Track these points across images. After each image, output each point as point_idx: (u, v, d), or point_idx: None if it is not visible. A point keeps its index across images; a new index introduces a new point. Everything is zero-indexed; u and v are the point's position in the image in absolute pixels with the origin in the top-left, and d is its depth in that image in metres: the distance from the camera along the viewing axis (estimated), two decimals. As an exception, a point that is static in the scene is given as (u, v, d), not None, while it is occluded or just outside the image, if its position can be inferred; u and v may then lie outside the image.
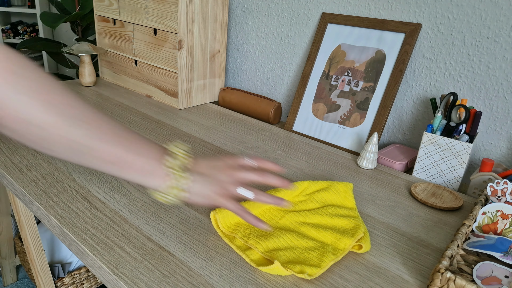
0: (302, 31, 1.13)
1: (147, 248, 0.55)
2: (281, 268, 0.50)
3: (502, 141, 0.84)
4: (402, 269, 0.55)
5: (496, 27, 0.80)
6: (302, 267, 0.51)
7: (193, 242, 0.57)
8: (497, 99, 0.83)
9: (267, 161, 0.55)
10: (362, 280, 0.52)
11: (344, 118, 0.99)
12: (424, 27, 0.90)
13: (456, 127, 0.79)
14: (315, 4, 1.08)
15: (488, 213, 0.63)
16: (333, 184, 0.70)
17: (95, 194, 0.67)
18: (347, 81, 1.00)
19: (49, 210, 0.62)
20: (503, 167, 0.81)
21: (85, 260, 0.55)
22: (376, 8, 0.97)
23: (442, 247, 0.61)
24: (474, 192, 0.78)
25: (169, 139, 0.92)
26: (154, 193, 0.50)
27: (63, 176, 0.72)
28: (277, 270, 0.51)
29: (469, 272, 0.53)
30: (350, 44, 1.01)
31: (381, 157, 0.89)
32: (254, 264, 0.52)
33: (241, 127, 1.05)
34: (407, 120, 0.98)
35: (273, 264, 0.50)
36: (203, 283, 0.49)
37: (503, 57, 0.80)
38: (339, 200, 0.68)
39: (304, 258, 0.53)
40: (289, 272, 0.50)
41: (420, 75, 0.93)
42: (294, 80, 1.19)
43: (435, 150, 0.80)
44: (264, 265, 0.52)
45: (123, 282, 0.48)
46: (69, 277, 1.18)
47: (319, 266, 0.52)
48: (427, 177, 0.83)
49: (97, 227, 0.58)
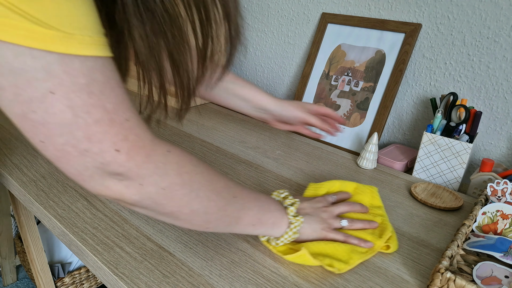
0: (302, 31, 1.13)
1: (147, 248, 0.55)
2: (308, 257, 0.51)
3: (502, 141, 0.84)
4: (402, 269, 0.55)
5: (496, 27, 0.80)
6: (331, 261, 0.52)
7: (193, 242, 0.57)
8: (497, 99, 0.83)
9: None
10: (362, 280, 0.52)
11: (344, 118, 0.99)
12: (424, 27, 0.90)
13: (456, 127, 0.79)
14: (315, 4, 1.08)
15: (488, 213, 0.63)
16: (360, 186, 0.71)
17: (95, 194, 0.67)
18: (347, 81, 1.00)
19: (49, 210, 0.62)
20: (503, 167, 0.81)
21: (85, 260, 0.56)
22: (376, 8, 0.97)
23: (442, 247, 0.61)
24: (474, 192, 0.78)
25: (170, 139, 0.92)
26: (266, 242, 0.56)
27: (63, 176, 0.72)
28: (303, 258, 0.52)
29: (469, 272, 0.54)
30: (350, 44, 1.01)
31: (381, 157, 0.89)
32: (280, 254, 0.54)
33: (241, 127, 1.05)
34: (407, 120, 0.98)
35: (300, 251, 0.51)
36: (203, 283, 0.49)
37: (503, 57, 0.80)
38: (368, 199, 0.68)
39: (332, 252, 0.54)
40: (318, 262, 0.51)
41: (420, 75, 0.93)
42: (294, 80, 1.19)
43: (435, 150, 0.80)
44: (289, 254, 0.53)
45: (123, 282, 0.48)
46: (69, 277, 1.18)
47: (347, 263, 0.53)
48: (427, 177, 0.83)
49: (97, 227, 0.58)
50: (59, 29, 0.29)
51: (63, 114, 0.31)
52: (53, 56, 0.30)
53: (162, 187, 0.39)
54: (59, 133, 0.32)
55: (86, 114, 0.32)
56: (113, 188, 0.37)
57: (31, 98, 0.31)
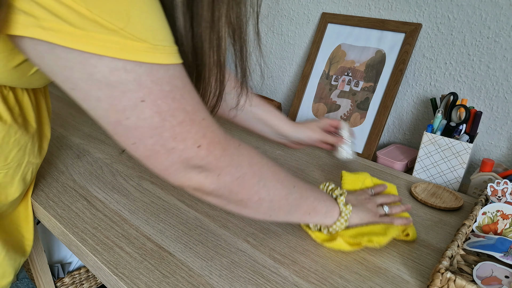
0: (302, 31, 1.12)
1: (147, 248, 0.55)
2: (344, 245, 0.56)
3: (502, 141, 0.84)
4: (402, 269, 0.55)
5: (496, 27, 0.80)
6: (369, 237, 0.56)
7: (193, 242, 0.57)
8: (497, 99, 0.83)
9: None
10: (362, 280, 0.52)
11: (344, 118, 0.99)
12: (424, 27, 0.90)
13: (456, 127, 0.79)
14: (315, 4, 1.08)
15: (488, 213, 0.63)
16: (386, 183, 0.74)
17: (95, 194, 0.67)
18: (347, 81, 1.00)
19: (49, 210, 0.62)
20: (503, 167, 0.81)
21: (85, 260, 0.55)
22: (376, 8, 0.97)
23: (442, 247, 0.61)
24: (474, 192, 0.78)
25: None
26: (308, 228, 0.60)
27: (63, 176, 0.72)
28: (340, 245, 0.57)
29: (469, 272, 0.53)
30: (350, 44, 1.01)
31: (381, 157, 0.89)
32: (318, 240, 0.58)
33: (241, 127, 1.05)
34: (407, 120, 0.98)
35: (337, 240, 0.56)
36: (203, 283, 0.49)
37: (503, 57, 0.80)
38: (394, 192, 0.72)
39: (368, 232, 0.58)
40: (356, 247, 0.57)
41: (420, 75, 0.93)
42: (294, 80, 1.19)
43: (435, 150, 0.80)
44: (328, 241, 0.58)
45: (123, 282, 0.48)
46: (69, 277, 1.17)
47: (385, 234, 0.57)
48: (427, 177, 0.83)
49: (97, 227, 0.58)
50: (145, 40, 0.33)
51: (152, 119, 0.36)
52: (143, 68, 0.34)
53: (237, 176, 0.44)
54: (149, 135, 0.37)
55: (172, 117, 0.37)
56: (194, 179, 0.41)
57: (125, 107, 0.35)
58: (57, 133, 0.91)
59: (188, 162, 0.40)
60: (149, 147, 0.38)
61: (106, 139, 0.90)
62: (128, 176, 0.74)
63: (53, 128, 0.94)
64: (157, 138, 0.37)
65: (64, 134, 0.91)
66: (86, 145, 0.86)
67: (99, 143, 0.88)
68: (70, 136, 0.90)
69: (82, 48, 0.32)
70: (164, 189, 0.70)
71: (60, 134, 0.91)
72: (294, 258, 0.55)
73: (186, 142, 0.38)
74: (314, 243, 0.59)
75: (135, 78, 0.34)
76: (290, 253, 0.56)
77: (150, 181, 0.73)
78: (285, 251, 0.57)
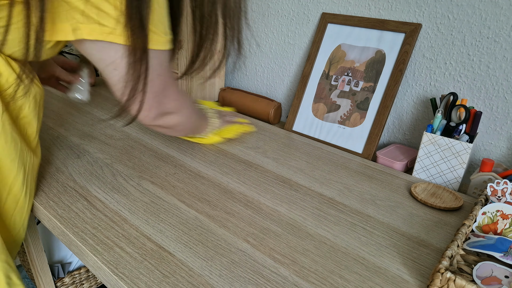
0: (302, 31, 1.13)
1: (147, 248, 0.55)
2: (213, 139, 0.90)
3: (502, 141, 0.84)
4: (402, 269, 0.55)
5: (496, 27, 0.80)
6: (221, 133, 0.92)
7: (193, 242, 0.57)
8: (497, 99, 0.83)
9: None
10: (362, 280, 0.52)
11: (344, 118, 0.99)
12: (424, 27, 0.90)
13: (456, 127, 0.79)
14: (315, 4, 1.08)
15: (488, 213, 0.63)
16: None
17: (95, 194, 0.67)
18: (347, 81, 1.00)
19: (49, 210, 0.62)
20: (503, 167, 0.81)
21: (85, 260, 0.56)
22: (376, 8, 0.97)
23: (442, 247, 0.61)
24: (474, 192, 0.78)
25: (169, 139, 0.92)
26: (197, 138, 0.89)
27: (63, 176, 0.72)
28: (210, 140, 0.90)
29: (469, 272, 0.54)
30: (350, 44, 1.01)
31: (381, 157, 0.89)
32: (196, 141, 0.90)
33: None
34: (407, 120, 0.98)
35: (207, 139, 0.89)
36: (203, 283, 0.49)
37: (503, 57, 0.80)
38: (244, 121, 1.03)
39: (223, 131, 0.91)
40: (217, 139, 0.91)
41: (420, 75, 0.93)
42: (294, 80, 1.19)
43: (435, 150, 0.80)
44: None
45: (123, 282, 0.48)
46: (69, 277, 1.17)
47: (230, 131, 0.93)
48: (427, 177, 0.83)
49: (97, 227, 0.58)
50: (167, 34, 0.53)
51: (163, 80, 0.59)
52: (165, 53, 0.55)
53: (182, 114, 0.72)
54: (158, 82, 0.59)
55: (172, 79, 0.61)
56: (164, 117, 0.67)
57: (166, 79, 0.59)
58: (57, 133, 0.91)
59: None
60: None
61: (106, 139, 0.90)
62: (128, 176, 0.74)
63: (53, 128, 0.94)
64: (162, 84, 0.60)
65: (64, 134, 0.91)
66: (86, 145, 0.86)
67: (99, 143, 0.88)
68: (70, 136, 0.90)
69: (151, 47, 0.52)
70: (164, 189, 0.70)
71: (60, 134, 0.91)
72: (294, 258, 0.55)
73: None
74: (314, 243, 0.59)
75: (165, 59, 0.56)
76: (290, 253, 0.56)
77: (150, 181, 0.73)
78: (285, 251, 0.57)
